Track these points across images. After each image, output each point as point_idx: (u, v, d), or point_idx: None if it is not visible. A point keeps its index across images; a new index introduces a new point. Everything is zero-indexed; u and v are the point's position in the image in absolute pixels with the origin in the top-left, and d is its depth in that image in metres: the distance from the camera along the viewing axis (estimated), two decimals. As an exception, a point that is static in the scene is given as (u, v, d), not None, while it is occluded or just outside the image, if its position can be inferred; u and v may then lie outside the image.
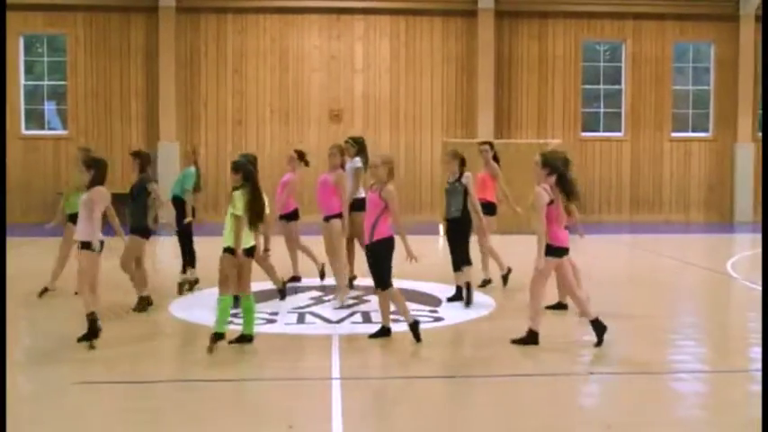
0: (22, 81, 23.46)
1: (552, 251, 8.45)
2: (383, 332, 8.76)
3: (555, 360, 8.06)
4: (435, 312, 10.21)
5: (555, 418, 6.31)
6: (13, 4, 22.51)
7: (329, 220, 10.71)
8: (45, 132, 23.73)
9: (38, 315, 10.17)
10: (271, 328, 9.32)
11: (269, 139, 23.50)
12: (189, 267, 11.54)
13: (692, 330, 9.80)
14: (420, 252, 8.91)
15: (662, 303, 11.53)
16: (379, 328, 8.81)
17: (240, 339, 8.39)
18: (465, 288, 10.59)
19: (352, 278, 11.61)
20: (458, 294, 10.79)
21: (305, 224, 12.32)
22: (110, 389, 7.01)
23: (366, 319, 9.80)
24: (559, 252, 8.51)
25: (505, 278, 11.97)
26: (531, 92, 24.40)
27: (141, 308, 10.11)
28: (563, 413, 6.49)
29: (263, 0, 23.67)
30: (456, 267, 10.76)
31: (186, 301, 10.92)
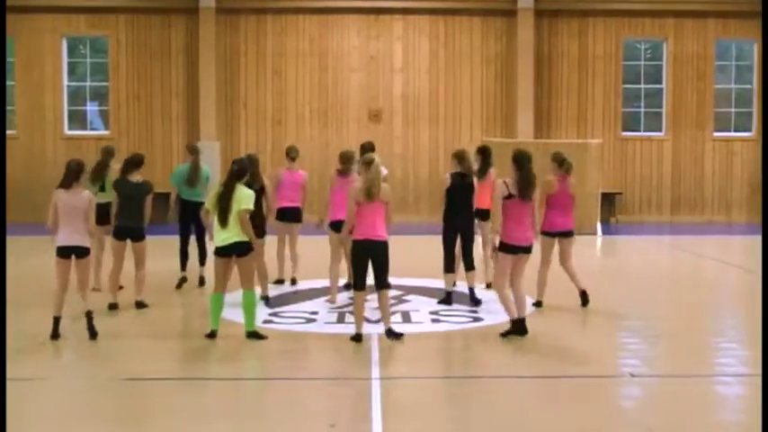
0: (66, 82, 23.75)
1: (504, 248, 8.52)
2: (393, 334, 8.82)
3: (597, 363, 8.04)
4: (474, 312, 10.23)
5: (596, 419, 6.30)
6: (57, 6, 22.97)
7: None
8: (87, 133, 23.95)
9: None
10: (311, 328, 9.41)
11: (308, 138, 23.58)
12: (200, 266, 12.02)
13: (734, 333, 9.70)
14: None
15: (704, 305, 11.43)
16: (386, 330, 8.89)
17: (249, 336, 8.69)
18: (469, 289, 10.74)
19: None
20: (471, 295, 10.78)
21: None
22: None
23: (406, 318, 9.84)
24: (512, 250, 8.54)
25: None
26: (571, 91, 24.22)
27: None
28: (604, 415, 6.47)
29: (302, 1, 23.77)
30: (468, 267, 10.77)
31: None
